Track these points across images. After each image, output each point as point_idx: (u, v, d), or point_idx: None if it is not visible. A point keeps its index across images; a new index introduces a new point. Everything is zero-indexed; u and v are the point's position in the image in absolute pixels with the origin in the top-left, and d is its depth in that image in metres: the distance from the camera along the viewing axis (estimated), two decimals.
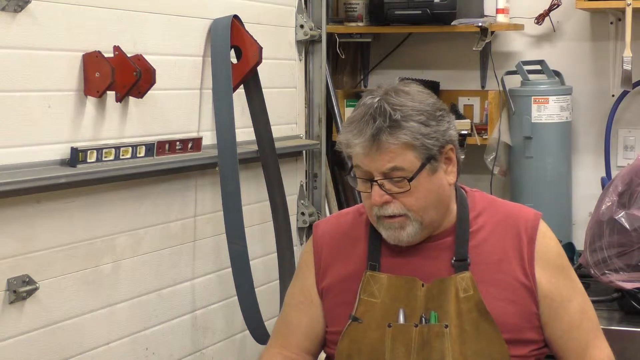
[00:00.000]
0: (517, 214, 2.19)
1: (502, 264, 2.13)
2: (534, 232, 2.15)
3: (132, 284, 2.72)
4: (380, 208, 2.07)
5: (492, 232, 2.16)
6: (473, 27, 3.70)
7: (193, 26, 2.91)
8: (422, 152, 2.04)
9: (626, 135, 3.82)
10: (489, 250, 2.14)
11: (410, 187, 2.04)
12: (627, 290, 2.90)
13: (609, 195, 2.98)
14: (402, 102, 2.05)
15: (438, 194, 2.10)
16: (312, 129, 3.61)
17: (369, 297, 2.13)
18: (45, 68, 2.37)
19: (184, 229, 2.92)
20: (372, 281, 2.14)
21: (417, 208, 2.07)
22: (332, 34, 3.88)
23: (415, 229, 2.09)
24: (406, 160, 2.04)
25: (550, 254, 2.16)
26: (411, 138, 2.02)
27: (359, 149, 2.04)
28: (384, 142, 2.02)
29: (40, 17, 2.35)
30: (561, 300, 2.13)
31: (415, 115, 2.04)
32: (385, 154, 2.03)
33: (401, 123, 2.02)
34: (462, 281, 2.10)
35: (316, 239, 2.27)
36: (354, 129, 2.05)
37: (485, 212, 2.19)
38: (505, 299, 2.11)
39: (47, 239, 2.41)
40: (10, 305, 2.32)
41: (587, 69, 3.85)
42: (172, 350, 2.89)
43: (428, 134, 2.04)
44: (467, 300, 2.09)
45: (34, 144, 2.36)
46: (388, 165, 2.03)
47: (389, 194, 2.05)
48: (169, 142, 2.76)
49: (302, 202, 3.54)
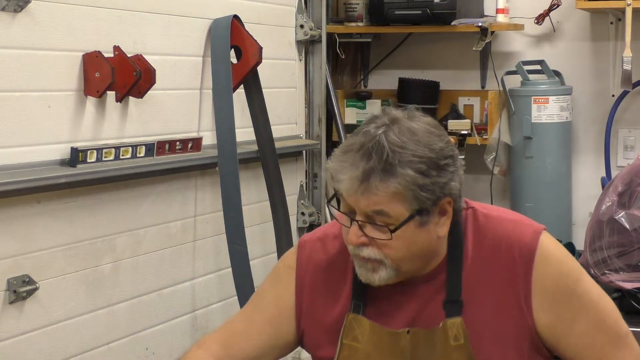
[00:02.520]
0: (511, 238, 1.93)
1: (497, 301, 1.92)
2: (531, 262, 1.90)
3: (132, 284, 2.72)
4: (356, 248, 1.85)
5: (486, 265, 1.93)
6: (473, 27, 3.70)
7: (193, 26, 2.91)
8: (413, 204, 1.80)
9: (626, 135, 3.82)
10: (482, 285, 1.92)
11: (391, 237, 1.82)
12: (627, 290, 2.89)
13: (609, 195, 2.98)
14: (404, 143, 1.81)
15: (422, 246, 1.87)
16: (312, 129, 3.61)
17: (351, 341, 1.94)
18: (45, 68, 2.37)
19: (184, 229, 2.92)
20: (354, 324, 1.94)
21: (395, 258, 1.85)
22: (332, 34, 3.88)
23: (389, 274, 1.87)
24: (394, 208, 1.80)
25: (548, 280, 1.92)
26: (403, 188, 1.78)
27: (346, 184, 1.81)
28: (372, 186, 1.79)
29: (40, 17, 2.35)
30: (564, 325, 1.92)
31: (415, 163, 1.80)
32: (372, 198, 1.80)
33: (396, 169, 1.78)
34: (452, 327, 1.90)
35: (301, 261, 2.04)
36: (346, 159, 1.82)
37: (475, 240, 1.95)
38: (500, 343, 1.92)
39: (47, 239, 2.41)
40: (10, 305, 2.32)
41: (587, 69, 3.85)
42: (172, 350, 2.89)
43: (424, 186, 1.80)
44: (457, 349, 1.90)
45: (34, 144, 2.36)
46: (373, 207, 1.80)
47: (367, 237, 1.83)
48: (169, 142, 2.76)
49: (302, 202, 3.54)
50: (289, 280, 2.04)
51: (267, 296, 2.07)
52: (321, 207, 3.62)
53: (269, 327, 2.03)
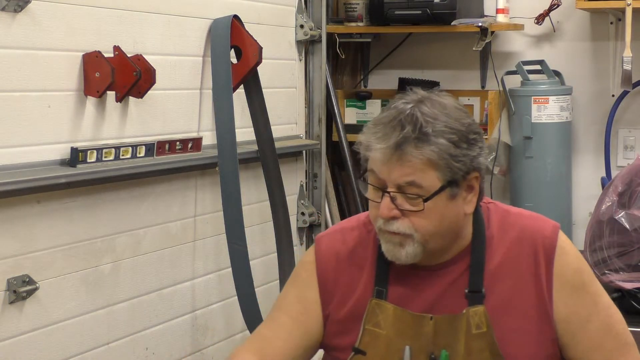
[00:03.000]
0: (534, 230, 1.99)
1: (518, 290, 1.97)
2: (552, 252, 1.97)
3: (132, 284, 2.72)
4: (386, 222, 1.89)
5: (508, 254, 1.98)
6: (473, 27, 3.70)
7: (193, 26, 2.91)
8: (446, 173, 1.86)
9: (626, 135, 3.82)
10: (504, 275, 1.97)
11: (424, 208, 1.86)
12: (627, 290, 2.90)
13: (609, 195, 2.99)
14: (436, 115, 1.87)
15: (451, 222, 1.91)
16: (312, 129, 3.61)
17: (373, 327, 1.97)
18: (45, 68, 2.37)
19: (184, 229, 2.92)
20: (377, 310, 1.97)
21: (425, 232, 1.88)
22: (332, 34, 3.88)
23: (415, 250, 1.90)
24: (426, 178, 1.85)
25: (568, 272, 1.98)
26: (437, 156, 1.84)
27: (378, 154, 1.86)
28: (407, 153, 1.83)
29: (40, 17, 2.35)
30: (579, 322, 1.97)
31: (447, 133, 1.85)
32: (406, 167, 1.84)
33: (430, 137, 1.84)
34: (475, 316, 1.93)
35: (320, 254, 2.07)
36: (378, 131, 1.87)
37: (500, 230, 2.00)
38: (521, 330, 1.96)
39: (47, 239, 2.41)
40: (10, 305, 2.32)
41: (587, 69, 3.85)
42: (172, 350, 2.89)
43: (456, 156, 1.85)
44: (479, 337, 1.93)
45: (34, 144, 2.36)
46: (405, 178, 1.85)
47: (399, 209, 1.87)
48: (169, 142, 2.76)
49: (302, 202, 3.54)
50: (309, 276, 2.07)
51: (290, 297, 2.09)
52: (321, 207, 3.62)
53: (297, 327, 2.04)
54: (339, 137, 3.81)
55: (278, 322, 2.06)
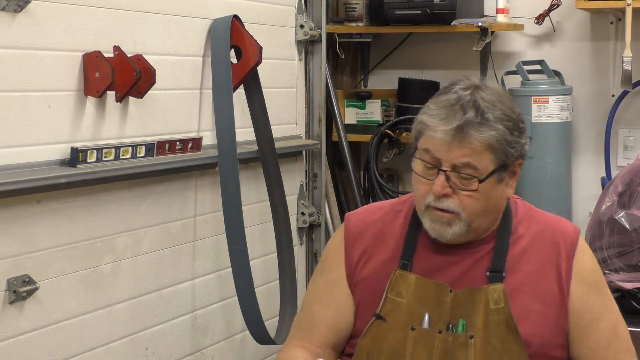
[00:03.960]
0: (557, 227, 2.14)
1: (539, 276, 2.08)
2: (573, 248, 2.10)
3: (132, 284, 2.72)
4: (436, 199, 2.01)
5: (531, 242, 2.11)
6: (473, 27, 3.70)
7: (193, 26, 2.91)
8: (500, 157, 2.00)
9: (626, 135, 3.82)
10: (526, 260, 2.09)
11: (477, 188, 1.99)
12: (627, 290, 2.90)
13: (609, 195, 2.99)
14: (494, 102, 2.01)
15: (495, 204, 2.05)
16: (312, 129, 3.61)
17: (395, 296, 2.08)
18: (45, 68, 2.37)
19: (184, 229, 2.92)
20: (400, 280, 2.08)
21: (472, 210, 2.01)
22: (332, 34, 3.88)
23: (461, 229, 2.03)
24: (482, 160, 1.98)
25: (586, 270, 2.10)
26: (496, 141, 1.98)
27: (440, 134, 1.98)
28: (469, 136, 1.96)
29: (40, 17, 2.35)
30: (591, 318, 2.08)
31: (504, 120, 2.00)
32: (465, 149, 1.97)
33: (491, 123, 1.98)
34: (494, 292, 2.04)
35: (349, 230, 2.20)
36: (441, 113, 1.99)
37: (525, 221, 2.14)
38: (538, 311, 2.06)
39: (47, 239, 2.41)
40: (10, 305, 2.32)
41: (587, 69, 3.85)
42: (172, 350, 2.89)
43: (510, 142, 2.01)
44: (497, 312, 2.03)
45: (34, 144, 2.36)
46: (463, 159, 1.98)
47: (451, 187, 2.00)
48: (169, 142, 2.76)
49: (302, 202, 3.54)
50: (338, 255, 2.19)
51: (320, 284, 2.22)
52: (321, 207, 3.62)
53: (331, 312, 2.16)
54: (339, 137, 3.81)
55: (313, 310, 2.20)
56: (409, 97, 3.89)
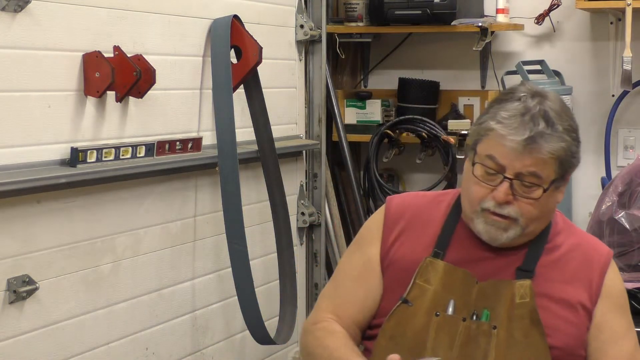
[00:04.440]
0: (593, 245, 2.18)
1: (570, 286, 2.11)
2: (606, 266, 2.14)
3: (132, 284, 2.72)
4: (497, 205, 2.03)
5: (568, 253, 2.14)
6: (473, 27, 3.70)
7: (193, 26, 2.91)
8: (563, 168, 2.03)
9: (626, 135, 3.82)
10: (560, 268, 2.12)
11: (540, 197, 2.02)
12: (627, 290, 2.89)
13: (609, 195, 2.99)
14: (560, 113, 2.03)
15: (549, 209, 2.09)
16: (312, 129, 3.61)
17: (423, 282, 2.10)
18: (45, 68, 2.37)
19: (184, 229, 2.92)
20: (430, 268, 2.11)
21: (530, 217, 2.04)
22: (332, 34, 3.88)
23: (516, 233, 2.06)
24: (547, 170, 2.01)
25: (615, 290, 2.14)
26: (564, 152, 2.01)
27: (511, 143, 1.99)
28: (540, 146, 1.98)
29: (40, 17, 2.35)
30: (611, 335, 2.10)
31: (571, 131, 2.03)
32: (534, 159, 1.99)
33: (562, 135, 2.00)
34: (520, 288, 2.06)
35: (389, 212, 2.22)
36: (512, 123, 2.00)
37: (564, 232, 2.17)
38: (565, 319, 2.09)
39: (47, 239, 2.41)
40: (10, 305, 2.32)
41: (587, 69, 3.85)
42: (172, 350, 2.89)
43: (574, 153, 2.04)
44: (521, 306, 2.06)
45: (34, 144, 2.36)
46: (529, 169, 2.00)
47: (514, 194, 2.02)
48: (169, 142, 2.76)
49: (302, 202, 3.54)
50: (375, 234, 2.21)
51: (354, 259, 2.24)
52: (321, 207, 3.61)
53: (361, 287, 2.19)
54: (339, 137, 3.81)
55: (344, 286, 2.22)
56: (409, 97, 3.89)
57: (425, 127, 3.78)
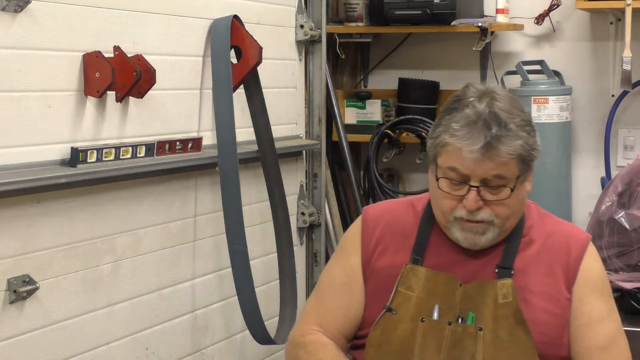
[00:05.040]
0: (569, 232, 2.19)
1: (549, 277, 2.11)
2: (582, 252, 2.14)
3: (132, 284, 2.72)
4: (470, 213, 2.04)
5: (543, 244, 2.14)
6: (473, 27, 3.70)
7: (193, 26, 2.91)
8: (525, 162, 2.04)
9: (626, 135, 3.82)
10: (537, 262, 2.12)
11: (510, 196, 2.03)
12: (627, 290, 2.90)
13: (608, 195, 2.99)
14: (511, 110, 2.03)
15: (521, 202, 2.11)
16: (312, 129, 3.61)
17: (406, 289, 2.11)
18: (45, 68, 2.37)
19: (184, 229, 2.92)
20: (411, 274, 2.12)
21: (504, 216, 2.06)
22: (332, 34, 3.88)
23: (494, 234, 2.07)
24: (509, 169, 2.02)
25: (592, 275, 2.14)
26: (523, 149, 2.01)
27: (468, 155, 1.99)
28: (499, 150, 1.99)
29: (40, 17, 2.35)
30: (588, 320, 2.11)
31: (524, 125, 2.03)
32: (495, 163, 2.00)
33: (517, 132, 2.00)
34: (502, 287, 2.07)
35: (366, 222, 2.23)
36: (466, 133, 2.00)
37: (539, 224, 2.18)
38: (547, 311, 2.10)
39: (47, 239, 2.41)
40: (10, 305, 2.32)
41: (587, 69, 3.85)
42: (172, 350, 2.89)
43: (532, 145, 2.04)
44: (505, 306, 2.07)
45: (34, 144, 2.36)
46: (492, 172, 2.01)
47: (483, 199, 2.03)
48: (169, 142, 2.76)
49: (302, 202, 3.54)
50: (354, 245, 2.23)
51: (335, 271, 2.25)
52: (321, 207, 3.62)
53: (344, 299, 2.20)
54: (339, 137, 3.81)
55: (327, 298, 2.24)
56: (409, 97, 3.90)
57: (425, 127, 3.78)
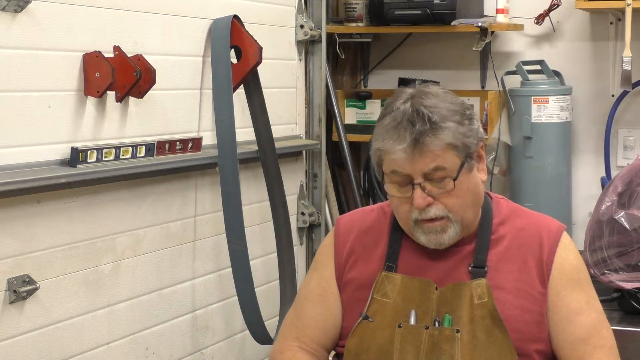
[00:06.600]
0: (541, 224, 2.17)
1: (522, 273, 2.11)
2: (556, 243, 2.13)
3: (132, 284, 2.72)
4: (422, 212, 2.05)
5: (514, 239, 2.14)
6: (473, 27, 3.70)
7: (193, 26, 2.91)
8: (462, 150, 2.04)
9: (626, 135, 3.82)
10: (509, 258, 2.12)
11: (454, 187, 2.03)
12: (627, 290, 2.90)
13: (608, 195, 2.98)
14: (435, 104, 2.04)
15: (475, 192, 2.09)
16: (312, 129, 3.61)
17: (381, 297, 2.12)
18: (45, 68, 2.37)
19: (184, 229, 2.92)
20: (386, 281, 2.13)
21: (458, 208, 2.05)
22: (332, 34, 3.88)
23: (456, 230, 2.07)
24: (447, 160, 2.02)
25: (567, 266, 2.12)
26: (452, 138, 2.01)
27: (400, 154, 2.01)
28: (427, 144, 2.00)
29: (40, 17, 2.35)
30: (567, 313, 2.10)
31: (450, 116, 2.03)
32: (428, 156, 2.01)
33: (440, 124, 2.01)
34: (477, 287, 2.08)
35: (338, 233, 2.25)
36: (392, 135, 2.02)
37: (509, 219, 2.17)
38: (522, 307, 2.09)
39: (47, 239, 2.41)
40: (10, 305, 2.32)
41: (587, 69, 3.85)
42: (172, 350, 2.89)
43: (465, 133, 2.04)
44: (481, 306, 2.07)
45: (34, 144, 2.36)
46: (430, 165, 2.01)
47: (430, 195, 2.04)
48: (169, 142, 2.76)
49: (302, 202, 3.54)
50: (326, 257, 2.24)
51: (311, 284, 2.26)
52: (321, 207, 3.62)
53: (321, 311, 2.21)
54: (339, 137, 3.81)
55: (304, 310, 2.25)
56: None
57: None
